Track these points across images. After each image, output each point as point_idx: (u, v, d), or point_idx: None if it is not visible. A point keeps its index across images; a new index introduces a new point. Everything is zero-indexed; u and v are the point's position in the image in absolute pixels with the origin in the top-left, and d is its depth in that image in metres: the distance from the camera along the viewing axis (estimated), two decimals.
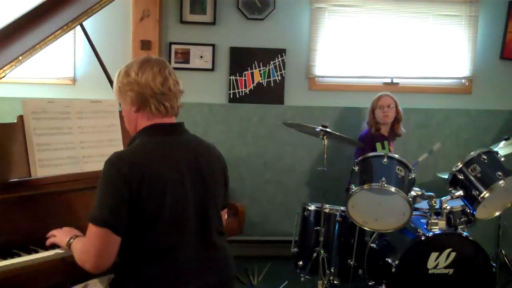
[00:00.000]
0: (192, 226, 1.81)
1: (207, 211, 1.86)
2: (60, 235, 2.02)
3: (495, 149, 3.32)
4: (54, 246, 2.21)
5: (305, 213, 3.48)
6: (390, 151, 3.75)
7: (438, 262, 3.07)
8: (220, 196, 1.95)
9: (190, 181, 1.81)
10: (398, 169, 3.11)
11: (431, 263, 3.07)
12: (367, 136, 3.84)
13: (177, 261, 1.77)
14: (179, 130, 1.90)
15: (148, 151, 1.78)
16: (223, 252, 1.92)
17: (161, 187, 1.73)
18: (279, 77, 4.26)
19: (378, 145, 3.78)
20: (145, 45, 4.01)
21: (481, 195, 3.03)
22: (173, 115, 1.88)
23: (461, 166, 3.16)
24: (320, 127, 3.24)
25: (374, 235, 3.40)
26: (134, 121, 1.87)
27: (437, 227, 3.10)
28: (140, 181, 1.69)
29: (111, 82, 2.89)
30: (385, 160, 3.13)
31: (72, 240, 1.93)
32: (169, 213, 1.74)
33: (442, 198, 3.17)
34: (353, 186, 3.10)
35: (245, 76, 4.23)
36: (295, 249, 3.53)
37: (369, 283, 3.31)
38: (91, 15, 2.65)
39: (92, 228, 1.71)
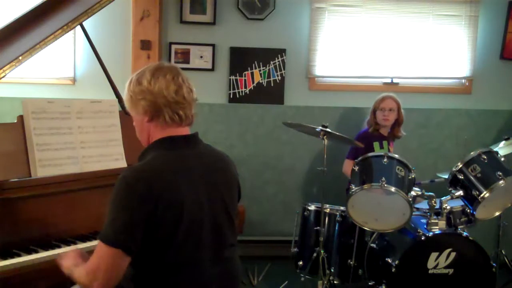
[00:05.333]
0: (208, 241, 1.77)
1: (222, 225, 1.82)
2: (64, 259, 1.89)
3: (495, 149, 3.31)
4: (53, 246, 2.22)
5: (305, 213, 3.48)
6: (389, 151, 3.74)
7: (438, 262, 3.07)
8: (235, 207, 1.92)
9: (206, 196, 1.76)
10: (398, 169, 3.11)
11: (431, 263, 3.07)
12: (364, 135, 3.84)
13: (191, 277, 1.74)
14: (194, 142, 1.84)
15: (165, 168, 1.71)
16: (233, 265, 1.89)
17: (178, 205, 1.67)
18: (279, 77, 4.26)
19: (376, 144, 3.78)
20: (145, 45, 4.00)
21: (481, 195, 3.03)
22: (187, 124, 1.82)
23: (461, 166, 3.16)
24: (320, 127, 3.24)
25: (374, 235, 3.40)
26: (146, 132, 1.81)
27: (437, 227, 3.10)
28: (157, 200, 1.63)
29: (111, 82, 2.90)
30: (385, 160, 3.13)
31: (73, 269, 1.81)
32: (186, 230, 1.69)
33: (442, 198, 3.17)
34: (353, 186, 3.10)
35: (245, 76, 4.23)
36: (295, 249, 3.53)
37: (369, 283, 3.31)
38: (91, 15, 2.66)
39: (103, 247, 1.64)
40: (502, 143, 3.63)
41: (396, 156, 3.20)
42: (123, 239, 1.62)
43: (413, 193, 3.13)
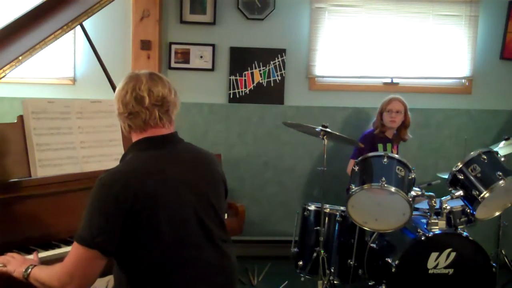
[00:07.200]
0: (197, 239, 1.77)
1: (209, 222, 1.81)
2: (12, 265, 1.88)
3: (495, 149, 3.31)
4: (53, 246, 2.22)
5: (305, 213, 3.48)
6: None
7: (438, 262, 3.07)
8: (222, 204, 1.92)
9: (188, 195, 1.76)
10: (398, 169, 3.11)
11: (431, 263, 3.07)
12: (369, 136, 3.84)
13: (184, 276, 1.74)
14: (172, 142, 1.85)
15: (140, 168, 1.72)
16: (228, 261, 1.88)
17: (155, 205, 1.67)
18: (279, 77, 4.26)
19: (380, 146, 3.78)
20: (145, 45, 4.00)
21: (481, 195, 3.03)
22: (152, 128, 1.80)
23: (461, 166, 3.16)
24: (320, 127, 3.24)
25: (374, 235, 3.40)
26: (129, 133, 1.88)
27: (437, 227, 3.10)
28: (133, 200, 1.64)
29: (111, 82, 2.90)
30: (385, 160, 3.13)
31: (30, 269, 1.81)
32: (168, 229, 1.69)
33: (442, 198, 3.17)
34: (353, 186, 3.10)
35: (245, 76, 4.23)
36: (295, 249, 3.53)
37: (369, 283, 3.31)
38: (91, 15, 2.66)
39: (79, 249, 1.64)
40: (502, 143, 3.63)
41: (396, 156, 3.21)
42: (101, 241, 1.63)
43: (413, 193, 3.13)
